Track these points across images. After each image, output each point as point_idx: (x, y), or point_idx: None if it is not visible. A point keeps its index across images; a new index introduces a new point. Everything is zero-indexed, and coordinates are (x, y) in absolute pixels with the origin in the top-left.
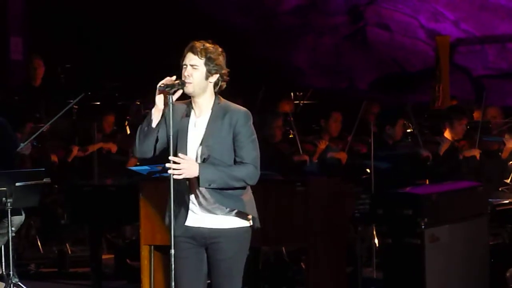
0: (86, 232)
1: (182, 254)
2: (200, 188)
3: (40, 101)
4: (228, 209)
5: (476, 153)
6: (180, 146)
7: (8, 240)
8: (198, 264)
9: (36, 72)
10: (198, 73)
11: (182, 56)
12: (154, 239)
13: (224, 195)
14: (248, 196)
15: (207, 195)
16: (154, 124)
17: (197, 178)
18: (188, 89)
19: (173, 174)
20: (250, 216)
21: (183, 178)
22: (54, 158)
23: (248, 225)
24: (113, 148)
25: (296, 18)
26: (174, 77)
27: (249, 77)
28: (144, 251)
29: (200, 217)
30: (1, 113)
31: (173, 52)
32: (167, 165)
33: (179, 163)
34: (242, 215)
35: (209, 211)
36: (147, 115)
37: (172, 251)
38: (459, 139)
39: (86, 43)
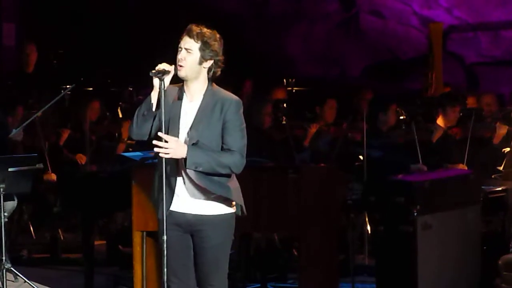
0: (78, 218)
1: (169, 241)
2: (188, 172)
3: (33, 87)
4: (213, 195)
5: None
6: (172, 130)
7: (0, 226)
8: (186, 250)
9: (29, 58)
10: (191, 57)
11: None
12: (146, 225)
13: (211, 180)
14: (234, 184)
15: (195, 179)
16: (154, 108)
17: (184, 160)
18: (181, 73)
19: (160, 153)
20: (234, 203)
21: (172, 161)
22: (48, 176)
23: (233, 211)
24: (82, 160)
25: (289, 4)
26: (164, 64)
27: (240, 64)
28: (136, 237)
29: (185, 201)
30: None
31: (165, 38)
32: (154, 142)
33: (167, 142)
34: (226, 201)
35: (195, 196)
36: (146, 99)
37: (165, 237)
38: (452, 126)
39: (79, 29)
